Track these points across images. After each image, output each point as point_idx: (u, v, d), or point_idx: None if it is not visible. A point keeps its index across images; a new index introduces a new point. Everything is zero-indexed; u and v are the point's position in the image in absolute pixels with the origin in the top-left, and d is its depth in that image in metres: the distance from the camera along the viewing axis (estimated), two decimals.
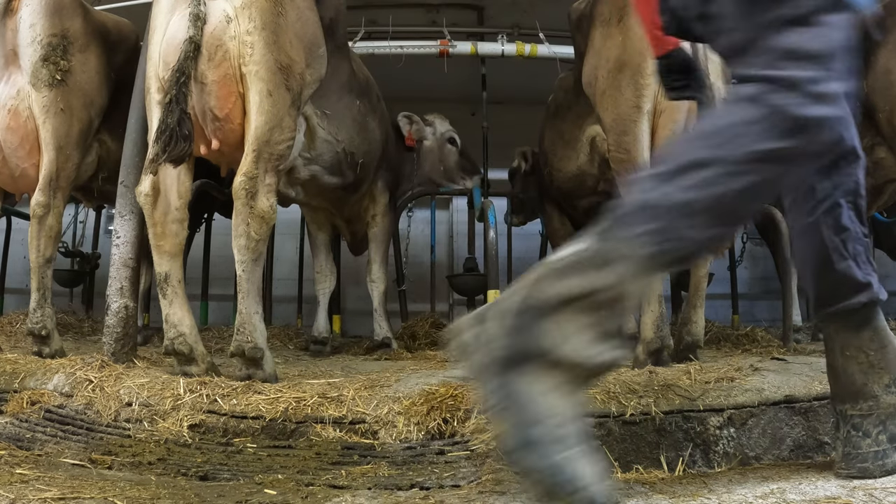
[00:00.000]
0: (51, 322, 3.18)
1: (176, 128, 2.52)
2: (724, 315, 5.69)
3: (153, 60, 2.84)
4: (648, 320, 2.97)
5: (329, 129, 3.51)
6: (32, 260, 3.20)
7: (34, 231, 3.18)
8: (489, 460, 2.12)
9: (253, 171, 2.72)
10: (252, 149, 2.74)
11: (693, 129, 1.54)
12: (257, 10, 2.74)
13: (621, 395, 2.41)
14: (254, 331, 2.72)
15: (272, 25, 2.77)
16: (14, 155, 3.23)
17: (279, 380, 2.82)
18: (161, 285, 2.84)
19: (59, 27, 3.17)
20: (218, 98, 2.75)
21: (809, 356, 3.08)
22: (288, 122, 2.84)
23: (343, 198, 4.13)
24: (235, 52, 2.73)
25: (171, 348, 2.79)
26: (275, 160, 2.81)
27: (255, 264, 2.74)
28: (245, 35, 2.72)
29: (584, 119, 3.50)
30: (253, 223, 2.71)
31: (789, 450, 2.41)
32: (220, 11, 2.74)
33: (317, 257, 4.44)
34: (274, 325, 5.42)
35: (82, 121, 3.27)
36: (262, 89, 2.73)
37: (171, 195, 2.84)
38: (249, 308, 2.72)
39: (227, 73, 2.74)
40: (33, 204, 3.17)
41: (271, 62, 2.75)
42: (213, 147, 2.83)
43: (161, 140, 2.53)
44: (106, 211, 5.98)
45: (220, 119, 2.79)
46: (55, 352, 3.17)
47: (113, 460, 2.09)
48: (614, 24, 3.07)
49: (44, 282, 3.19)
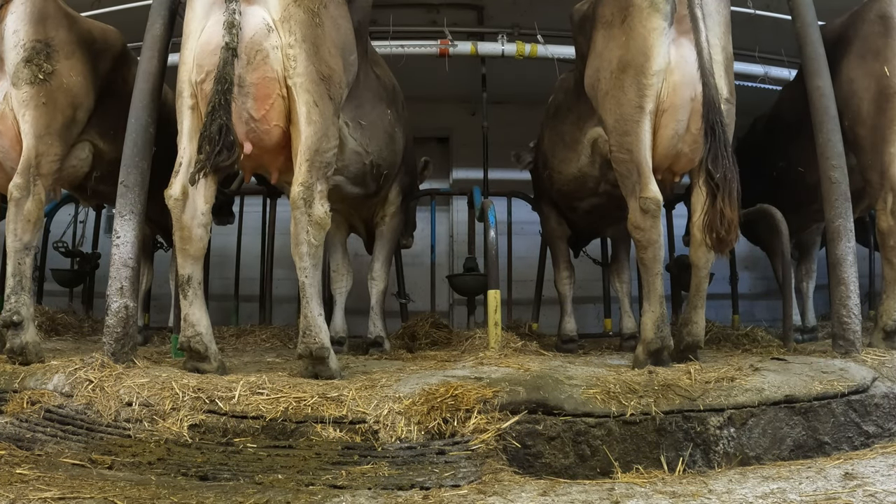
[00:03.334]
0: (26, 310, 3.04)
1: (217, 137, 2.55)
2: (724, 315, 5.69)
3: (187, 65, 2.88)
4: (649, 320, 2.97)
5: (360, 141, 3.53)
6: (9, 245, 3.11)
7: (11, 214, 3.11)
8: (489, 460, 2.12)
9: (308, 181, 2.82)
10: (305, 158, 2.83)
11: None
12: (297, 23, 2.81)
13: (621, 395, 2.41)
14: (319, 332, 2.81)
15: (312, 37, 2.84)
16: (7, 157, 3.25)
17: (343, 377, 2.88)
18: (183, 287, 2.92)
19: (42, 34, 3.19)
20: (256, 99, 2.80)
21: (809, 356, 3.08)
22: (333, 131, 2.95)
23: (362, 203, 4.17)
24: (275, 56, 2.78)
25: (188, 346, 2.89)
26: (325, 168, 2.91)
27: (315, 269, 2.85)
28: (287, 48, 2.79)
29: (585, 121, 3.50)
30: (312, 230, 2.82)
31: (789, 450, 2.41)
32: (259, 19, 2.79)
33: (333, 256, 4.44)
34: (274, 325, 5.43)
35: (66, 115, 3.27)
36: (308, 100, 2.82)
37: (199, 200, 2.92)
38: (314, 311, 2.82)
39: (267, 76, 2.79)
40: (11, 186, 3.11)
41: (314, 73, 2.83)
42: (247, 151, 2.87)
43: (205, 149, 2.56)
44: (106, 211, 5.98)
45: (257, 120, 2.83)
46: (27, 343, 3.00)
47: (113, 460, 2.09)
48: (617, 24, 3.07)
49: (20, 268, 3.08)
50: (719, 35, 3.01)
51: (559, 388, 2.46)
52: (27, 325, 3.04)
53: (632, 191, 3.01)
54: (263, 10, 2.80)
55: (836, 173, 3.15)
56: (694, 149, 3.02)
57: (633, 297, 4.17)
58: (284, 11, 2.80)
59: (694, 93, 2.90)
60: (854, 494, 1.72)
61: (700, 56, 2.80)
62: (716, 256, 3.04)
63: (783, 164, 4.20)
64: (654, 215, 2.96)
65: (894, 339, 3.27)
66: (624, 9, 3.02)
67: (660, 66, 2.92)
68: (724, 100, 2.94)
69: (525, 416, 2.35)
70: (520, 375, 2.61)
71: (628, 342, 4.24)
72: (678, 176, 3.29)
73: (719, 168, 2.72)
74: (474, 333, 3.95)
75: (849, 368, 2.69)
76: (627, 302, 4.52)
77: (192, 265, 2.93)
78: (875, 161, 3.32)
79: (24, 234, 3.13)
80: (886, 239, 3.31)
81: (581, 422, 2.34)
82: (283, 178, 3.13)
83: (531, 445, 2.31)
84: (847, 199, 3.14)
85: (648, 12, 2.94)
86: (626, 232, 3.18)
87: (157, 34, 3.16)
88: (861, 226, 4.58)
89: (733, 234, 2.75)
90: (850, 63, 3.44)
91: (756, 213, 3.72)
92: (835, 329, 3.11)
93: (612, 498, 1.85)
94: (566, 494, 1.88)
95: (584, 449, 2.32)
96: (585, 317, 6.30)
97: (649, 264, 2.99)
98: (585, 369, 2.80)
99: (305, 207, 2.81)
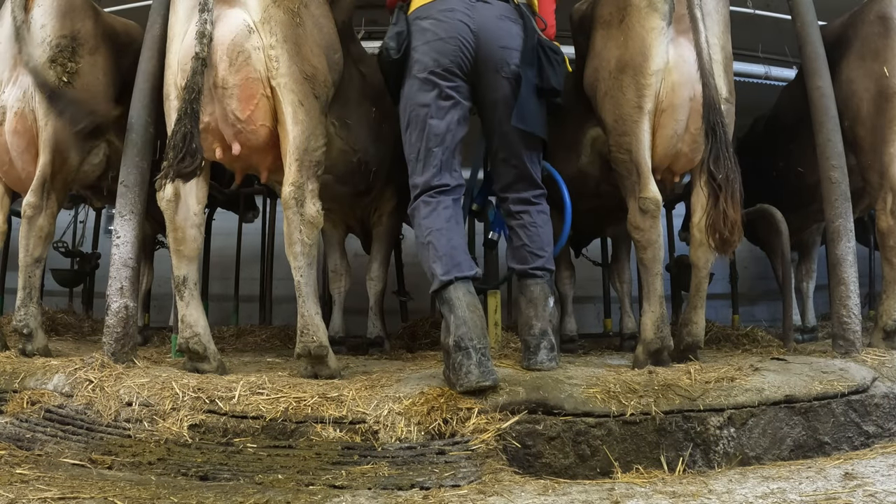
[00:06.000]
0: (34, 321, 3.18)
1: (181, 144, 2.55)
2: (724, 315, 5.69)
3: (171, 68, 2.90)
4: (649, 321, 2.97)
5: (347, 140, 3.53)
6: (21, 259, 3.21)
7: (24, 231, 3.19)
8: (489, 460, 2.12)
9: (299, 180, 2.83)
10: (294, 158, 2.84)
11: None
12: (277, 23, 2.82)
13: (621, 395, 2.41)
14: (317, 330, 2.82)
15: (293, 37, 2.85)
16: (20, 158, 3.23)
17: (343, 377, 2.89)
18: (178, 288, 2.94)
19: (69, 28, 3.16)
20: (240, 100, 2.80)
21: (809, 356, 3.08)
22: (320, 129, 2.96)
23: (354, 201, 4.16)
24: (257, 57, 2.79)
25: (186, 346, 2.90)
26: (314, 167, 2.92)
27: (310, 268, 2.86)
28: (269, 49, 2.80)
29: (584, 121, 3.49)
30: (305, 229, 2.84)
31: (789, 450, 2.41)
32: (239, 20, 2.80)
33: (331, 256, 4.43)
34: (274, 325, 5.43)
35: (86, 121, 3.25)
36: (293, 100, 2.83)
37: (191, 200, 2.95)
38: (310, 310, 2.84)
39: (250, 77, 2.79)
40: (24, 204, 3.17)
41: (297, 73, 2.84)
42: (234, 152, 2.89)
43: (168, 156, 2.57)
44: (106, 211, 5.98)
45: (243, 121, 2.84)
46: (38, 349, 3.17)
47: (113, 460, 2.09)
48: (615, 24, 3.07)
49: (31, 281, 3.20)
50: (718, 34, 3.01)
51: (559, 387, 2.46)
52: (36, 334, 3.20)
53: (631, 191, 3.02)
54: (244, 11, 2.81)
55: (836, 173, 3.15)
56: (693, 149, 3.03)
57: (634, 297, 4.17)
58: (265, 13, 2.80)
59: (693, 92, 2.90)
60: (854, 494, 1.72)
61: (700, 57, 2.80)
62: (716, 256, 3.04)
63: (783, 163, 4.20)
64: (654, 215, 2.96)
65: (894, 339, 3.27)
66: (622, 9, 3.02)
67: (658, 65, 2.92)
68: (724, 99, 2.94)
69: (525, 415, 2.35)
70: (519, 375, 2.61)
71: (628, 342, 4.24)
72: (678, 176, 3.30)
73: (721, 169, 2.72)
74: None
75: (849, 368, 2.69)
76: (628, 302, 4.52)
77: (188, 266, 2.95)
78: (875, 161, 3.32)
79: (36, 249, 3.21)
80: (886, 239, 3.32)
81: (581, 421, 2.34)
82: (273, 177, 3.15)
83: (531, 445, 2.31)
84: (847, 199, 3.14)
85: (647, 12, 2.94)
86: (626, 232, 3.18)
87: (157, 34, 3.15)
88: (861, 226, 4.58)
89: (737, 235, 2.74)
90: (850, 63, 3.44)
91: (756, 212, 3.72)
92: (835, 329, 3.11)
93: (612, 498, 1.85)
94: (566, 494, 1.88)
95: (584, 449, 2.32)
96: (585, 317, 6.30)
97: (649, 264, 3.00)
98: (585, 369, 2.80)
99: (297, 207, 2.83)
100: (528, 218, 2.95)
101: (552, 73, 2.81)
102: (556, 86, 2.84)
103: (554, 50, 2.86)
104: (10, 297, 5.74)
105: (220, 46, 2.75)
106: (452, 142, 2.79)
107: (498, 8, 2.83)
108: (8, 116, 3.16)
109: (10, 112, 3.15)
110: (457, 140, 2.81)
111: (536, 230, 2.93)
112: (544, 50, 2.82)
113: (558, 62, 2.86)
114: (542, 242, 2.93)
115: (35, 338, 3.18)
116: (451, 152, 2.78)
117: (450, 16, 2.75)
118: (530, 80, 2.78)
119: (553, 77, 2.81)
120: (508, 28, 2.81)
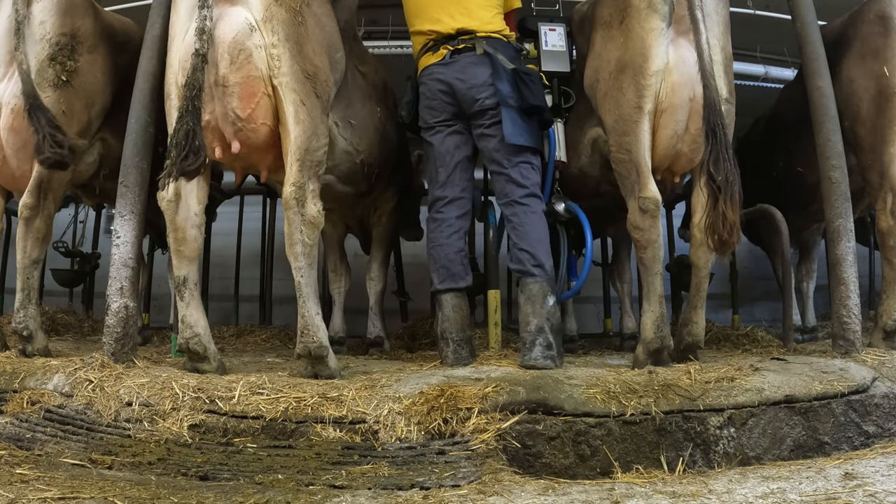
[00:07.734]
0: (34, 322, 3.17)
1: (184, 142, 2.54)
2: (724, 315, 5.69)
3: (172, 67, 2.89)
4: (649, 320, 2.97)
5: (351, 140, 3.53)
6: (19, 261, 3.19)
7: (21, 232, 3.16)
8: (489, 460, 2.12)
9: (300, 180, 2.83)
10: (295, 158, 2.83)
11: None
12: (279, 22, 2.81)
13: (621, 395, 2.41)
14: (317, 331, 2.82)
15: (295, 36, 2.84)
16: (15, 156, 3.17)
17: (343, 377, 2.89)
18: (179, 288, 2.93)
19: (69, 26, 3.14)
20: (241, 98, 2.80)
21: (810, 356, 3.08)
22: (322, 129, 2.95)
23: (355, 202, 4.15)
24: (258, 56, 2.78)
25: (186, 347, 2.90)
26: (315, 166, 2.91)
27: (310, 268, 2.86)
28: (271, 48, 2.79)
29: (584, 121, 3.50)
30: (306, 229, 2.84)
31: (789, 450, 2.41)
32: (241, 19, 2.79)
33: (330, 256, 4.42)
34: (274, 325, 5.43)
35: (81, 122, 3.23)
36: (294, 99, 2.82)
37: (191, 200, 2.93)
38: (311, 310, 2.83)
39: (251, 75, 2.79)
40: (21, 205, 3.14)
41: (299, 72, 2.83)
42: (234, 150, 2.88)
43: (171, 154, 2.56)
44: (106, 211, 5.97)
45: (243, 119, 2.83)
46: (38, 350, 3.16)
47: (113, 460, 2.09)
48: (615, 25, 3.08)
49: (29, 282, 3.19)
50: (718, 35, 3.01)
51: (559, 387, 2.46)
52: (36, 335, 3.20)
53: (631, 191, 3.02)
54: (245, 10, 2.81)
55: (836, 173, 3.15)
56: (693, 149, 3.03)
57: (634, 297, 4.17)
58: (266, 11, 2.80)
59: (693, 93, 2.90)
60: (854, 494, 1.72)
61: (701, 58, 2.80)
62: (716, 256, 3.05)
63: (783, 163, 4.20)
64: (654, 215, 2.96)
65: (894, 339, 3.27)
66: (622, 10, 3.03)
67: (658, 66, 2.92)
68: (724, 100, 2.95)
69: (525, 415, 2.35)
70: (520, 375, 2.61)
71: (628, 342, 4.24)
72: (678, 176, 3.30)
73: (721, 170, 2.72)
74: (474, 333, 3.95)
75: (849, 368, 2.69)
76: (628, 302, 4.51)
77: (188, 266, 2.94)
78: (875, 161, 3.32)
79: (34, 250, 3.20)
80: (886, 239, 3.32)
81: (581, 422, 2.34)
82: (274, 177, 3.14)
83: (531, 445, 2.31)
84: (847, 199, 3.14)
85: (646, 13, 2.94)
86: (626, 232, 3.18)
87: (157, 34, 3.15)
88: (861, 226, 4.57)
89: (735, 236, 2.76)
90: (850, 63, 3.44)
91: (756, 213, 3.72)
92: (835, 329, 3.11)
93: (612, 498, 1.85)
94: (566, 494, 1.88)
95: (584, 449, 2.32)
96: (585, 317, 6.29)
97: (649, 264, 3.00)
98: (585, 369, 2.80)
99: (298, 207, 2.82)
100: (516, 219, 3.21)
101: (529, 93, 3.19)
102: (534, 103, 3.20)
103: (528, 73, 3.27)
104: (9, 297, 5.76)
105: (221, 44, 2.75)
106: (452, 161, 3.37)
107: (465, 60, 3.31)
108: (4, 112, 3.09)
109: (6, 108, 3.09)
110: (456, 160, 3.37)
111: (524, 229, 3.18)
112: (519, 75, 3.22)
113: (533, 82, 3.23)
114: (532, 240, 3.14)
115: (35, 339, 3.18)
116: (451, 170, 3.36)
117: (430, 79, 3.38)
118: (508, 103, 3.18)
119: (531, 96, 3.19)
120: (474, 71, 3.28)
